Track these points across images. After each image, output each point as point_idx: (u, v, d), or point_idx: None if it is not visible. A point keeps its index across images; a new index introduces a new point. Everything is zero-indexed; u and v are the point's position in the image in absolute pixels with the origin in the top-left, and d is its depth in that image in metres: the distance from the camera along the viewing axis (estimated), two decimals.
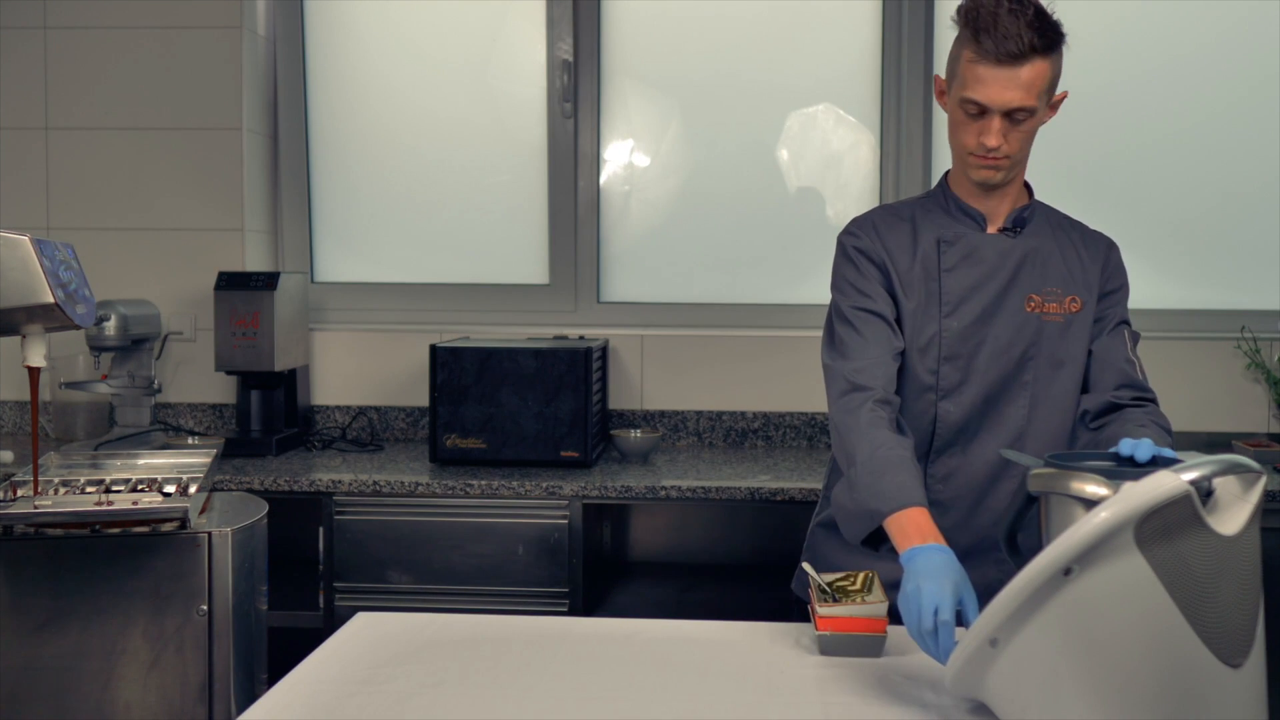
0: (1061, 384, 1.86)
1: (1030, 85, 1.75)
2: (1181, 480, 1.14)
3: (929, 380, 1.85)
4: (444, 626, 1.74)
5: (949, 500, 1.85)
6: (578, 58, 3.37)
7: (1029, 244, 1.88)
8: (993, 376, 1.84)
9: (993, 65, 1.73)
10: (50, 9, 3.27)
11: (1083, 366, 1.87)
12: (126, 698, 1.90)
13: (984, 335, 1.84)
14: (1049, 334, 1.85)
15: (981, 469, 1.85)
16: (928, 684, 1.48)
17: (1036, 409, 1.85)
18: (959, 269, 1.85)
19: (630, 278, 3.43)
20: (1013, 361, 1.84)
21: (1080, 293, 1.88)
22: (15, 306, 1.73)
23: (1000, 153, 1.78)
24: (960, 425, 1.85)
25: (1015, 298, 1.85)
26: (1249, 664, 1.17)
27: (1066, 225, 1.96)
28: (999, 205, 1.89)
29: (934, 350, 1.84)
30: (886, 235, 1.91)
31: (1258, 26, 3.27)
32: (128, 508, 1.88)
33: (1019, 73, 1.74)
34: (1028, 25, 1.74)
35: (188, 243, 3.30)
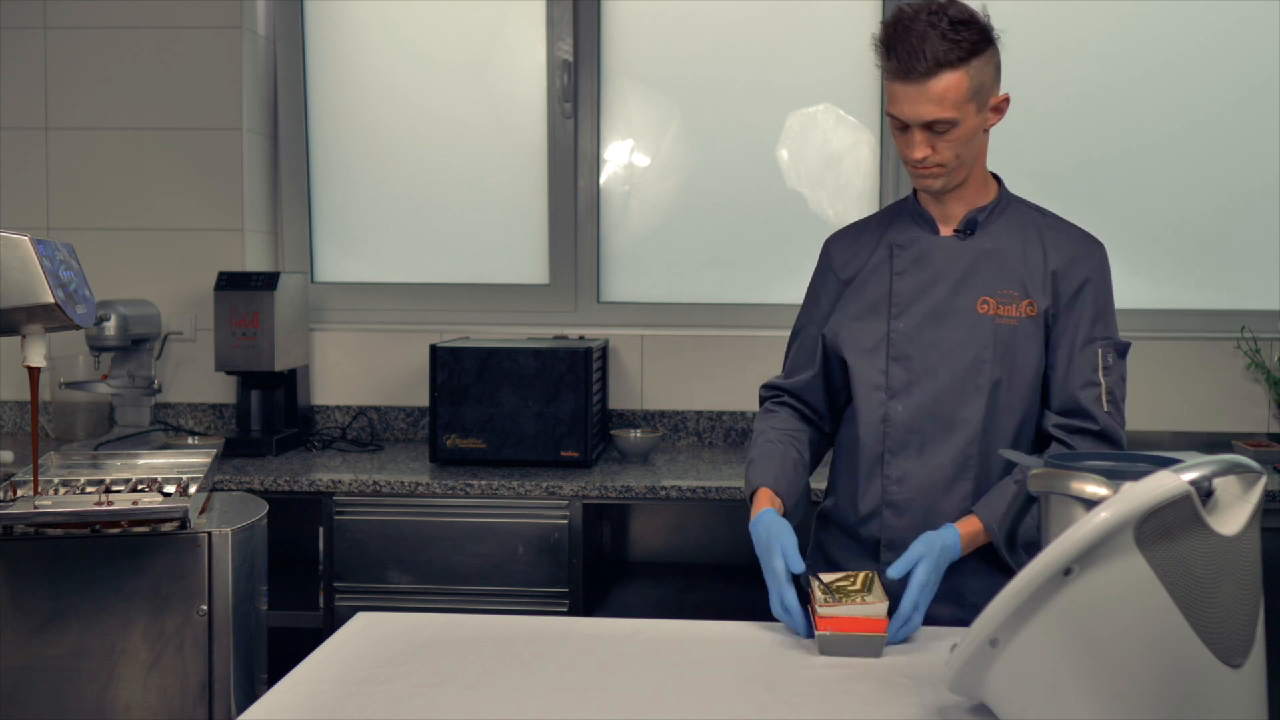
0: (1018, 389, 1.85)
1: (942, 98, 1.74)
2: (1181, 480, 1.14)
3: (879, 380, 1.88)
4: (444, 626, 1.74)
5: (904, 503, 1.87)
6: (578, 58, 3.37)
7: (983, 246, 1.87)
8: (944, 378, 1.84)
9: (903, 82, 1.76)
10: (50, 9, 3.27)
11: (1040, 373, 1.86)
12: (126, 698, 1.90)
13: (934, 337, 1.85)
14: (1005, 338, 1.83)
15: (937, 472, 1.85)
16: (928, 684, 1.48)
17: (995, 414, 1.84)
18: (909, 272, 1.88)
19: (630, 278, 3.43)
20: (964, 364, 1.83)
21: (1036, 297, 1.85)
22: (15, 306, 1.73)
23: (930, 162, 1.80)
24: (911, 426, 1.86)
25: (966, 300, 1.85)
26: (1249, 664, 1.17)
27: (1042, 225, 1.91)
28: (953, 208, 1.90)
29: (883, 350, 1.88)
30: (843, 247, 1.99)
31: (1258, 26, 3.27)
32: (128, 508, 1.88)
33: (928, 88, 1.74)
34: (940, 38, 1.73)
35: (188, 243, 3.30)
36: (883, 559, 1.88)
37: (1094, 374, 1.84)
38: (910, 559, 1.71)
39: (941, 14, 1.74)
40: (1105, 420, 1.84)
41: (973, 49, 1.75)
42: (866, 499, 1.90)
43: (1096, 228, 3.35)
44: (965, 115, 1.77)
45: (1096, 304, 1.86)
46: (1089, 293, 1.86)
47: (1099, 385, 1.84)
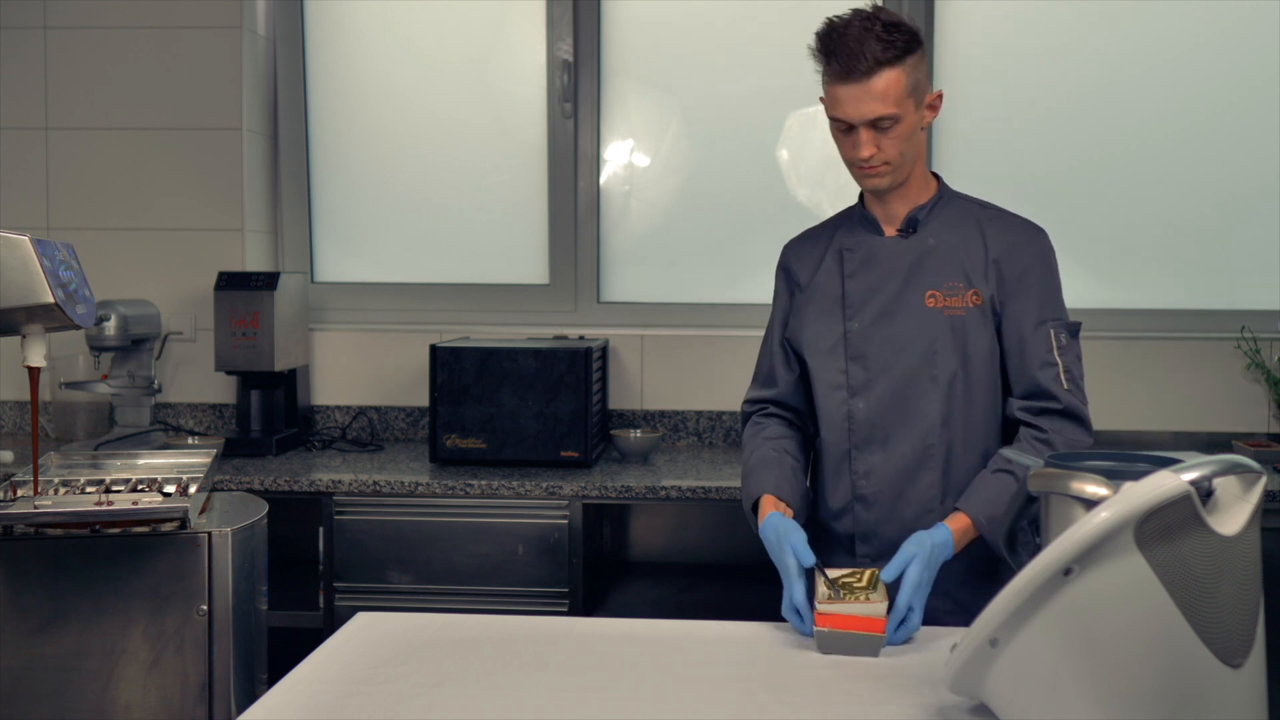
0: (975, 376, 1.91)
1: (884, 95, 1.82)
2: (1181, 480, 1.14)
3: (839, 380, 1.96)
4: (444, 626, 1.74)
5: (873, 495, 1.94)
6: (578, 58, 3.37)
7: (926, 242, 1.94)
8: (899, 373, 1.92)
9: (845, 84, 1.83)
10: (50, 9, 3.27)
11: (996, 359, 1.92)
12: (126, 698, 1.90)
13: (887, 334, 1.93)
14: (955, 328, 1.90)
15: (900, 463, 1.92)
16: (928, 684, 1.48)
17: (954, 403, 1.90)
18: (859, 274, 1.97)
19: (630, 278, 3.43)
20: (918, 357, 1.91)
21: (980, 285, 1.91)
22: (15, 306, 1.73)
23: (877, 160, 1.87)
24: (874, 421, 1.93)
25: (914, 295, 1.92)
26: (1249, 664, 1.17)
27: (983, 217, 1.97)
28: (896, 209, 1.97)
29: (841, 350, 1.96)
30: (797, 254, 2.08)
31: (1258, 26, 3.27)
32: (128, 508, 1.88)
33: (870, 85, 1.81)
34: (876, 39, 1.81)
35: (188, 243, 3.30)
36: (858, 552, 1.94)
37: (1049, 354, 1.89)
38: (903, 560, 1.73)
39: (874, 19, 1.84)
40: (1067, 398, 1.88)
41: (907, 48, 1.83)
42: (837, 495, 1.98)
43: (1097, 227, 3.37)
44: (905, 111, 1.84)
45: (1042, 287, 1.92)
46: (1033, 277, 1.92)
47: (1056, 365, 1.89)
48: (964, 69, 3.33)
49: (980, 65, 3.34)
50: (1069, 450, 1.82)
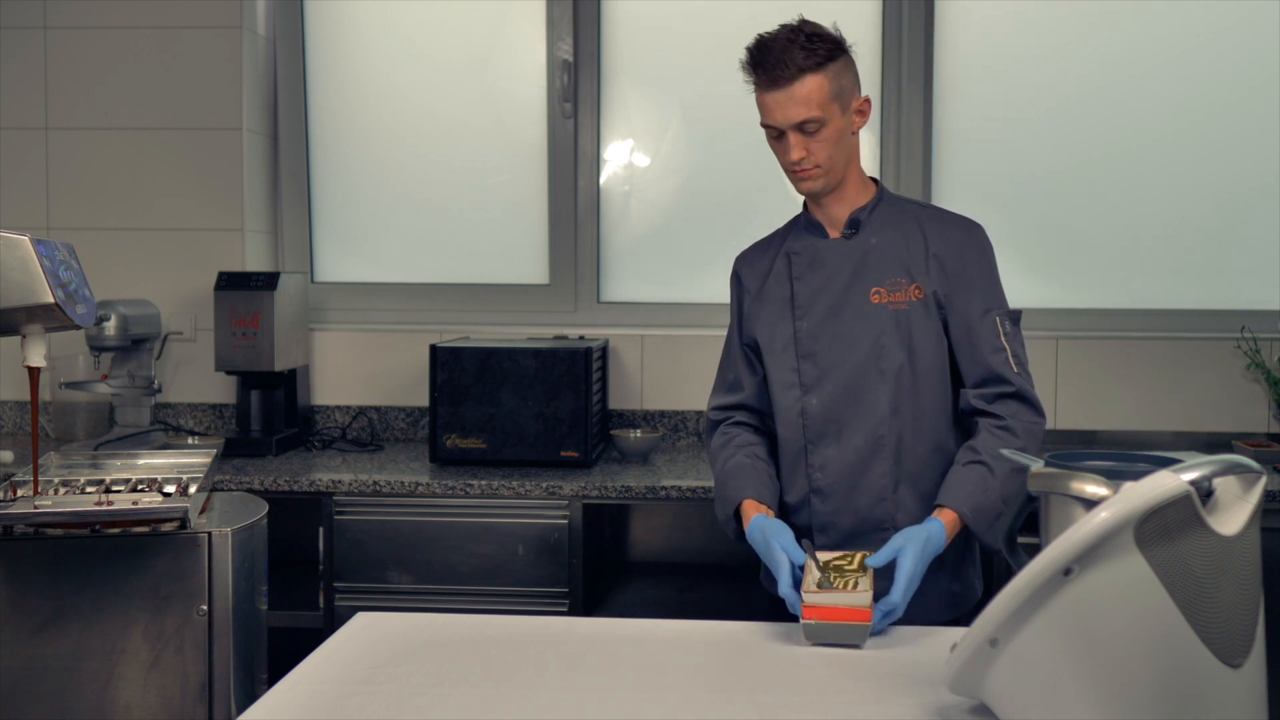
0: (921, 368, 1.97)
1: (808, 100, 1.91)
2: (1181, 480, 1.14)
3: (792, 378, 2.03)
4: (444, 626, 1.74)
5: (828, 487, 2.00)
6: (578, 58, 3.37)
7: (868, 242, 2.02)
8: (849, 369, 1.99)
9: (771, 91, 1.94)
10: (50, 9, 3.27)
11: (943, 350, 1.98)
12: (126, 698, 1.90)
13: (835, 331, 2.00)
14: (900, 322, 1.97)
15: (853, 455, 1.98)
16: (928, 684, 1.48)
17: (901, 394, 1.97)
18: (805, 276, 2.04)
19: (630, 278, 3.43)
20: (866, 352, 1.98)
21: (921, 279, 1.98)
22: (15, 306, 1.73)
23: (808, 163, 1.96)
24: (827, 416, 2.00)
25: (859, 293, 2.00)
26: (1249, 664, 1.17)
27: (922, 216, 2.04)
28: (837, 212, 2.05)
29: (792, 350, 2.03)
30: (748, 264, 2.16)
31: (1258, 26, 3.27)
32: (128, 508, 1.88)
33: (793, 91, 1.91)
34: (799, 49, 1.91)
35: (188, 243, 3.30)
36: (816, 542, 2.01)
37: (997, 340, 1.96)
38: (893, 549, 1.79)
39: (798, 31, 1.94)
40: (1018, 381, 1.94)
41: (829, 55, 1.92)
42: (794, 489, 2.04)
43: (1097, 227, 3.38)
44: (831, 115, 1.93)
45: (984, 279, 2.00)
46: (974, 270, 1.99)
47: (1004, 350, 1.95)
48: (964, 69, 3.33)
49: (980, 65, 3.34)
50: (1028, 433, 1.90)
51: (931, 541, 1.82)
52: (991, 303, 1.98)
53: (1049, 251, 3.35)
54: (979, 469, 1.89)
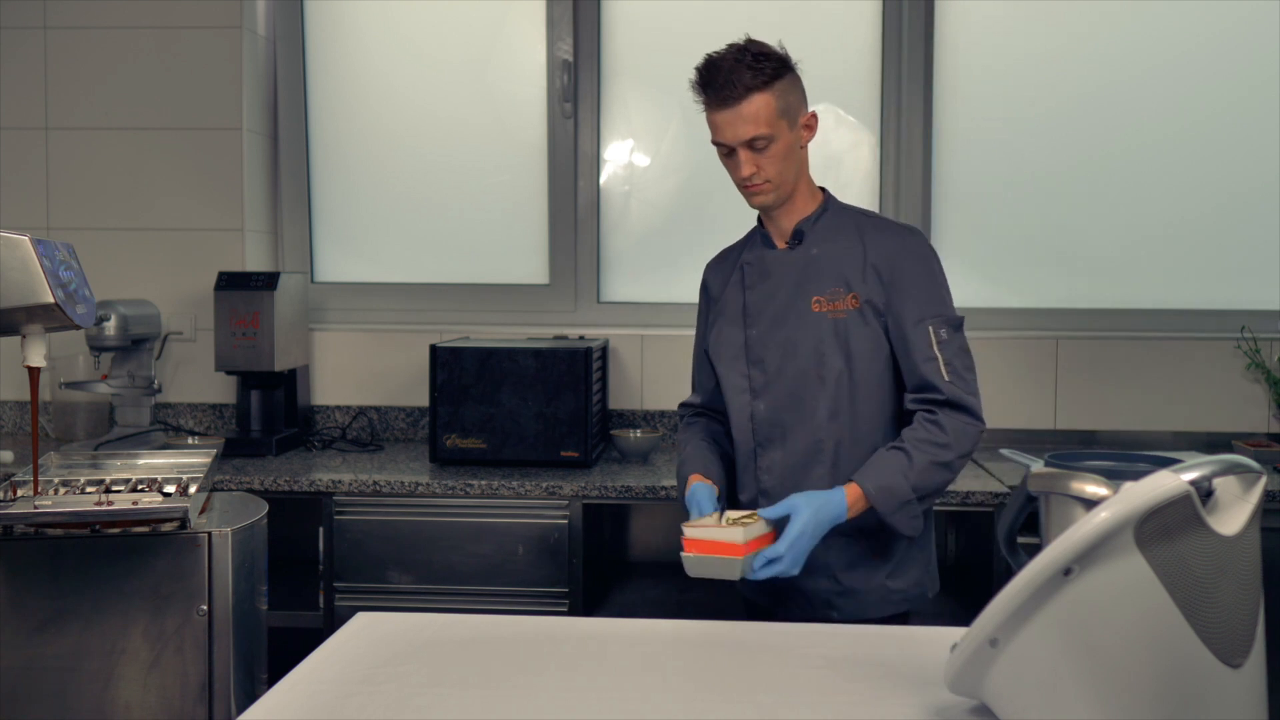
0: (861, 374, 2.03)
1: (756, 117, 1.97)
2: (1181, 480, 1.14)
3: (743, 383, 2.12)
4: (444, 626, 1.74)
5: (773, 489, 2.08)
6: (578, 58, 3.37)
7: (810, 252, 2.09)
8: (791, 375, 2.06)
9: (721, 110, 1.99)
10: (50, 9, 3.27)
11: (882, 357, 2.04)
12: (126, 698, 1.90)
13: (780, 339, 2.08)
14: (839, 330, 2.03)
15: (795, 458, 2.06)
16: (928, 684, 1.48)
17: (840, 400, 2.03)
18: (756, 286, 2.12)
19: (630, 278, 3.43)
20: (807, 360, 2.05)
21: (859, 288, 2.03)
22: (15, 306, 1.73)
23: (758, 179, 2.02)
24: (773, 420, 2.08)
25: (802, 303, 2.06)
26: (1249, 664, 1.17)
27: (864, 225, 2.09)
28: (784, 223, 2.12)
29: (743, 356, 2.12)
30: (714, 272, 2.26)
31: (1258, 26, 3.27)
32: (128, 508, 1.88)
33: (741, 110, 1.97)
34: (746, 68, 1.97)
35: (188, 243, 3.30)
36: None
37: (929, 349, 1.99)
38: (786, 506, 1.89)
39: (745, 51, 2.00)
40: (949, 389, 1.98)
41: (775, 74, 1.99)
42: (746, 490, 2.14)
43: (1096, 227, 3.37)
44: (779, 131, 1.99)
45: (919, 287, 2.02)
46: (910, 279, 2.02)
47: (936, 359, 1.99)
48: (964, 69, 3.33)
49: (980, 65, 3.34)
50: (958, 433, 1.95)
51: (828, 507, 1.89)
52: (926, 310, 2.01)
53: (1049, 251, 3.35)
54: (897, 454, 1.95)
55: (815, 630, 1.72)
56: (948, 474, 1.96)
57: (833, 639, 1.68)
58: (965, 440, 1.96)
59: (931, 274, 2.04)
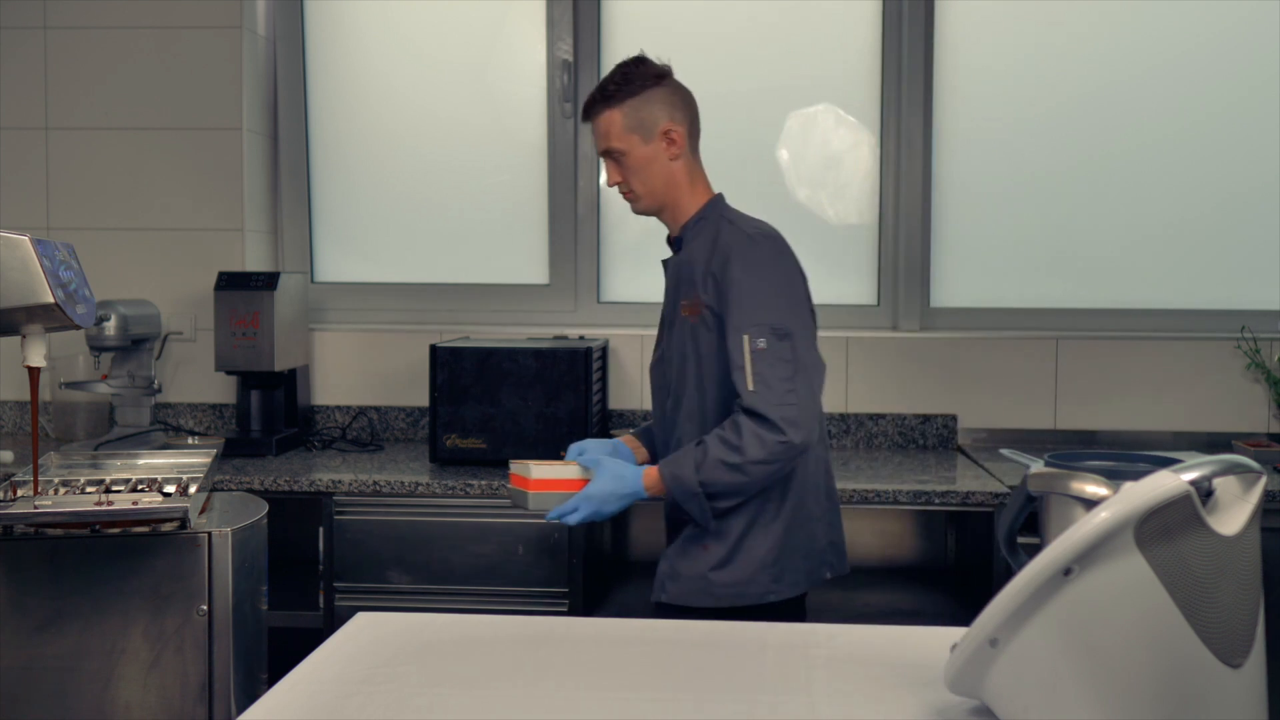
0: (707, 375, 2.12)
1: (605, 132, 2.13)
2: (1181, 480, 1.14)
3: (659, 381, 2.26)
4: (444, 626, 1.74)
5: None
6: (578, 58, 3.37)
7: (681, 259, 2.19)
8: (673, 376, 2.19)
9: (586, 123, 2.20)
10: (50, 9, 3.27)
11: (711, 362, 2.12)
12: (126, 698, 1.91)
13: (668, 342, 2.22)
14: (694, 334, 2.14)
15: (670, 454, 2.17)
16: (928, 684, 1.48)
17: (693, 402, 2.15)
18: (666, 290, 2.26)
19: (630, 278, 3.43)
20: (678, 361, 2.17)
21: (702, 294, 2.11)
22: (15, 306, 1.73)
23: (625, 188, 2.17)
24: (666, 418, 2.22)
25: (677, 307, 2.18)
26: (1249, 664, 1.17)
27: (722, 231, 2.14)
28: (672, 229, 2.23)
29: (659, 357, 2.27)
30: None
31: (1258, 26, 3.27)
32: (128, 508, 1.88)
33: (596, 125, 2.16)
34: (602, 87, 2.13)
35: (188, 243, 3.30)
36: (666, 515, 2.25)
37: (740, 358, 2.04)
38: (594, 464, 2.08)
39: (617, 68, 2.15)
40: (749, 398, 2.02)
41: (628, 92, 2.12)
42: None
43: (1097, 227, 3.36)
44: (630, 146, 2.12)
45: (742, 295, 2.06)
46: (735, 287, 2.06)
47: (744, 368, 2.03)
48: (964, 69, 3.33)
49: (980, 65, 3.34)
50: (754, 441, 1.99)
51: (625, 481, 2.06)
52: (745, 319, 2.03)
53: (1049, 251, 3.35)
54: (697, 448, 2.05)
55: (815, 630, 1.72)
56: (739, 476, 2.00)
57: (833, 639, 1.68)
58: (759, 449, 1.98)
59: (759, 281, 2.06)
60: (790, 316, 2.05)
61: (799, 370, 2.02)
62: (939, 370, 3.27)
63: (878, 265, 3.38)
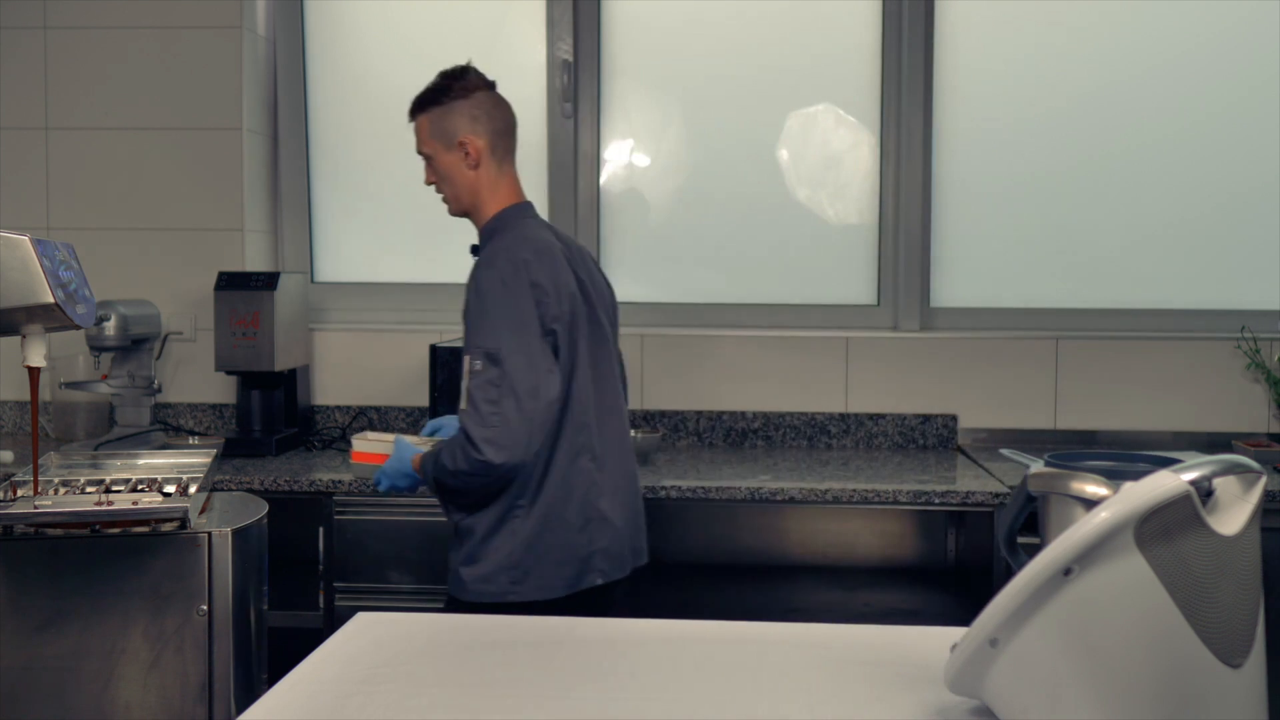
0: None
1: (418, 136, 2.30)
2: (1181, 480, 1.14)
3: None
4: (444, 626, 1.73)
5: None
6: (578, 58, 3.37)
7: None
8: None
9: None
10: (50, 9, 3.27)
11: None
12: (126, 698, 1.90)
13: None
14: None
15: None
16: (928, 684, 1.48)
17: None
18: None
19: (630, 278, 3.42)
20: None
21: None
22: (15, 306, 1.73)
23: (437, 190, 2.32)
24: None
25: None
26: (1249, 664, 1.17)
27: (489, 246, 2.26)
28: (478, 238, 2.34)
29: None
30: None
31: (1258, 26, 3.27)
32: (128, 508, 1.88)
33: (413, 127, 2.31)
34: (420, 92, 2.28)
35: (188, 243, 3.30)
36: None
37: (465, 378, 2.13)
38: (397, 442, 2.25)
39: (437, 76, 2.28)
40: (461, 416, 2.11)
41: (434, 100, 2.26)
42: None
43: (1097, 227, 3.37)
44: (435, 151, 2.27)
45: (471, 317, 2.16)
46: (467, 309, 2.18)
47: (464, 388, 2.13)
48: (964, 69, 3.33)
49: (980, 65, 3.34)
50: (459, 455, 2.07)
51: (406, 461, 2.21)
52: (469, 341, 2.14)
53: (1049, 251, 3.35)
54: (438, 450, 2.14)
55: (815, 630, 1.73)
56: (451, 480, 2.12)
57: (833, 639, 1.68)
58: (462, 463, 2.07)
59: (482, 303, 2.13)
60: (506, 339, 2.09)
61: (506, 395, 2.07)
62: (939, 370, 3.27)
63: (878, 265, 3.38)
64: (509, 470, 2.08)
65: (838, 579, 3.08)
